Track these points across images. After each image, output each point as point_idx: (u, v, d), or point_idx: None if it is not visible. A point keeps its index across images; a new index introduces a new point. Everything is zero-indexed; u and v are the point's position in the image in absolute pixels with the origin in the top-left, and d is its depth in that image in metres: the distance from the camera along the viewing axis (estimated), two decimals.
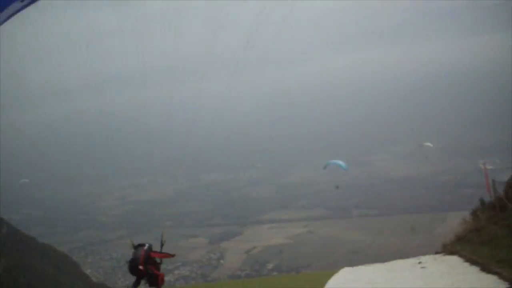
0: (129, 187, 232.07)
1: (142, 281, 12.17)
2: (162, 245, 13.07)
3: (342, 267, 22.95)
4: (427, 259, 21.85)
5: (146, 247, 12.25)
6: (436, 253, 23.45)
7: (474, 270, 17.42)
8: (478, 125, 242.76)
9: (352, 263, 27.64)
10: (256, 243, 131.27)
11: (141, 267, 12.01)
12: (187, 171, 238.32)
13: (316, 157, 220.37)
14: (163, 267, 13.30)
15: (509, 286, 14.15)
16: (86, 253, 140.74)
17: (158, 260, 12.57)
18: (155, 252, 12.50)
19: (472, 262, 18.62)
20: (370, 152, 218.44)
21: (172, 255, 13.16)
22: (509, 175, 35.61)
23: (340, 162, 43.79)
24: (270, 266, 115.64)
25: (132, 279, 12.69)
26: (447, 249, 23.24)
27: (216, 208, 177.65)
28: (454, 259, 20.40)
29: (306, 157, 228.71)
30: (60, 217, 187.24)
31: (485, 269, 16.91)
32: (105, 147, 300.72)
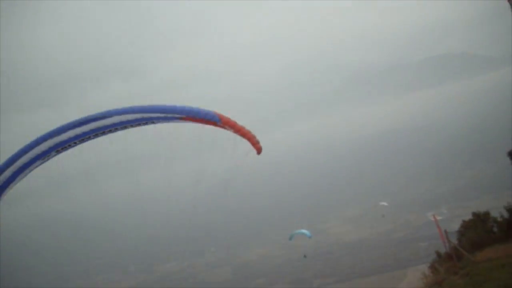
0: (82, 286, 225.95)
1: None
2: None
3: None
4: None
5: None
6: None
7: None
8: (420, 179, 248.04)
9: None
10: None
11: None
12: (140, 264, 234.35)
13: (270, 231, 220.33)
14: None
15: None
16: None
17: None
18: None
19: None
20: (321, 220, 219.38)
21: None
22: (458, 223, 36.03)
23: (304, 231, 44.32)
24: None
25: None
26: None
27: None
28: None
29: (260, 232, 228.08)
30: None
31: None
32: (51, 250, 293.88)
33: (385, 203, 67.98)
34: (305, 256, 60.28)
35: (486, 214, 35.42)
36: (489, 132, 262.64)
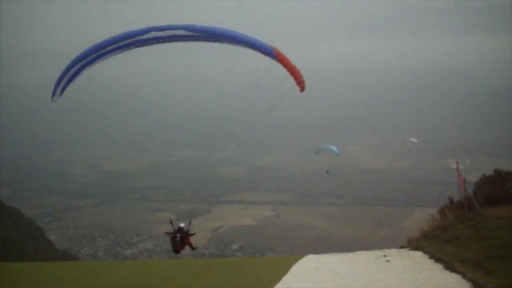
0: (100, 156, 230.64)
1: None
2: (189, 223, 17.13)
3: (307, 253, 22.91)
4: (392, 252, 21.90)
5: (184, 229, 16.58)
6: (401, 247, 23.53)
7: (438, 268, 17.48)
8: (449, 125, 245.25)
9: (317, 250, 27.68)
10: (223, 223, 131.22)
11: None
12: (159, 146, 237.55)
13: (290, 143, 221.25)
14: None
15: (472, 286, 14.20)
16: (51, 219, 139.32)
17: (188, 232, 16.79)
18: (185, 233, 16.59)
19: (437, 259, 18.70)
20: (344, 142, 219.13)
21: (193, 234, 17.00)
22: (477, 176, 35.93)
23: (333, 147, 43.72)
24: (235, 246, 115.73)
25: None
26: (413, 244, 23.34)
27: (185, 184, 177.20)
28: (419, 255, 20.47)
29: (280, 142, 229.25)
30: (28, 181, 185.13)
31: (449, 267, 16.98)
32: (78, 114, 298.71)
33: (415, 140, 67.16)
34: (328, 172, 60.34)
35: (508, 173, 35.18)
36: None
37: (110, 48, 13.83)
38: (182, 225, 16.84)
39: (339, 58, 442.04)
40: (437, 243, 21.89)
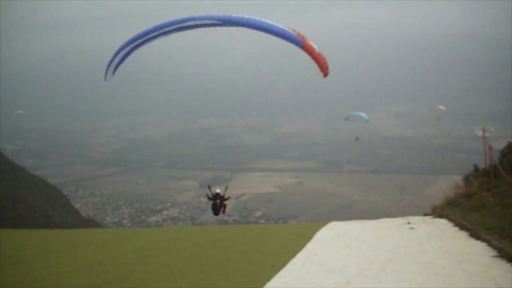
0: (123, 125, 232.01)
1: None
2: (226, 188, 19.21)
3: (330, 220, 22.93)
4: (416, 220, 21.82)
5: (220, 194, 18.69)
6: (425, 214, 23.44)
7: (463, 235, 17.39)
8: (474, 92, 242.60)
9: (341, 217, 27.70)
10: (246, 190, 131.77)
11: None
12: (182, 113, 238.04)
13: (313, 110, 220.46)
14: None
15: (497, 254, 14.11)
16: (76, 187, 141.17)
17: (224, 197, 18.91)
18: (222, 197, 18.77)
19: (462, 227, 18.59)
20: (367, 108, 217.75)
21: (228, 198, 19.08)
22: (503, 143, 35.54)
23: (363, 114, 43.43)
24: (258, 213, 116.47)
25: None
26: (437, 212, 23.23)
27: (209, 152, 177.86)
28: (443, 222, 20.37)
29: (303, 109, 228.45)
30: (53, 150, 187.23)
31: (474, 235, 16.87)
32: (102, 83, 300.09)
33: (443, 107, 66.32)
34: (357, 138, 59.98)
35: None
36: None
37: (155, 34, 15.40)
38: (218, 190, 18.71)
39: (358, 25, 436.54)
40: (461, 210, 21.76)
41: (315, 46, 14.88)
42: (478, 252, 14.74)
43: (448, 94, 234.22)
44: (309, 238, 18.27)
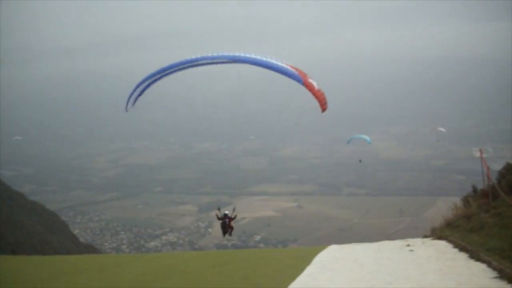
0: (121, 150, 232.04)
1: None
2: (233, 210, 20.49)
3: (329, 244, 22.91)
4: (415, 242, 21.80)
5: (228, 215, 20.12)
6: (425, 236, 23.43)
7: (462, 257, 17.37)
8: (471, 113, 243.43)
9: (339, 240, 27.69)
10: (245, 214, 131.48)
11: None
12: (180, 138, 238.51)
13: (311, 133, 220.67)
14: None
15: (497, 275, 14.09)
16: (75, 213, 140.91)
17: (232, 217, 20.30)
18: (230, 217, 20.16)
19: (461, 248, 18.58)
20: (365, 131, 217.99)
21: (235, 217, 20.40)
22: (501, 164, 35.63)
23: (365, 136, 43.86)
24: (257, 238, 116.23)
25: None
26: (436, 234, 23.22)
27: (207, 176, 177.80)
28: (443, 244, 20.36)
29: (300, 133, 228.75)
30: (51, 176, 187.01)
31: (474, 256, 16.86)
32: (99, 109, 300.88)
33: (443, 129, 66.87)
34: (360, 161, 60.20)
35: None
36: None
37: (172, 70, 17.17)
38: (227, 212, 20.26)
39: (355, 48, 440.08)
40: (461, 232, 21.77)
41: (315, 84, 16.01)
42: (478, 273, 14.72)
43: (445, 115, 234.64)
44: (308, 261, 18.25)
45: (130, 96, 18.57)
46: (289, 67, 15.87)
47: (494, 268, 14.78)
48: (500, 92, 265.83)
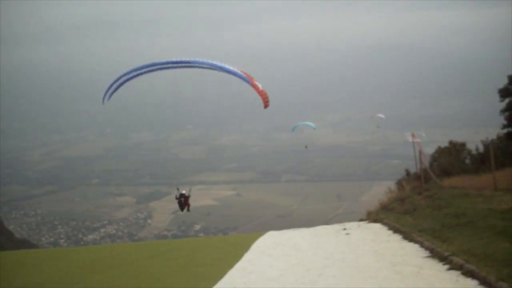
0: (57, 142, 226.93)
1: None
2: (190, 190, 22.32)
3: (268, 230, 23.08)
4: (351, 225, 22.20)
5: (185, 194, 21.44)
6: (361, 220, 23.87)
7: (396, 238, 17.80)
8: (405, 99, 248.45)
9: (279, 227, 27.88)
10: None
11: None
12: (116, 129, 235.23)
13: (249, 122, 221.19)
14: None
15: (429, 254, 14.51)
16: (9, 208, 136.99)
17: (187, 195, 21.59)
18: (185, 197, 21.47)
19: (395, 230, 19.03)
20: (301, 119, 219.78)
21: (189, 196, 21.79)
22: (433, 149, 36.54)
23: (309, 123, 44.48)
24: (197, 227, 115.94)
25: None
26: (371, 217, 23.70)
27: (145, 167, 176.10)
28: (378, 227, 20.80)
29: (238, 121, 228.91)
30: None
31: (407, 237, 17.31)
32: (32, 100, 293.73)
33: (382, 115, 68.12)
34: (306, 147, 60.52)
35: (462, 144, 35.96)
36: (486, 67, 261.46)
37: (152, 68, 18.37)
38: (183, 192, 21.55)
39: (292, 36, 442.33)
40: (395, 214, 22.28)
41: (259, 85, 17.90)
42: (411, 253, 15.12)
43: (379, 102, 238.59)
44: (246, 248, 18.36)
45: (107, 91, 19.43)
46: (239, 71, 17.61)
47: (426, 248, 15.22)
48: (432, 78, 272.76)
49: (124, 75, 18.44)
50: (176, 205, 21.73)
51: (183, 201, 21.44)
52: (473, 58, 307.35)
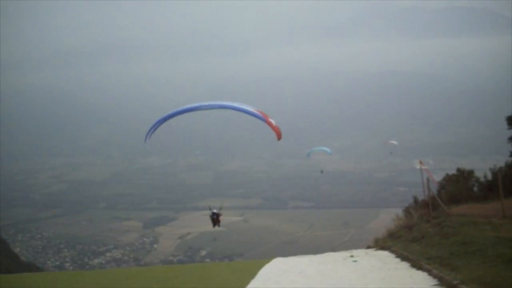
0: (64, 166, 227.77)
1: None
2: (220, 208, 23.89)
3: (274, 257, 22.97)
4: (359, 253, 22.07)
5: (218, 211, 23.12)
6: (368, 247, 23.73)
7: (404, 266, 17.68)
8: (411, 126, 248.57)
9: (285, 253, 27.75)
10: (191, 229, 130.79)
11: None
12: (124, 153, 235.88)
13: (256, 148, 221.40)
14: None
15: (438, 283, 14.40)
16: (16, 231, 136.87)
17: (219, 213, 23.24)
18: (217, 214, 23.19)
19: (403, 258, 18.90)
20: (308, 146, 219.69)
21: (221, 214, 23.58)
22: (441, 176, 36.40)
23: (325, 148, 44.49)
24: (203, 252, 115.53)
25: None
26: (379, 244, 23.56)
27: (152, 192, 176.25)
28: (386, 254, 20.67)
29: (245, 148, 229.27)
30: None
31: (415, 265, 17.18)
32: (40, 124, 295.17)
33: (395, 142, 68.40)
34: (322, 172, 60.71)
35: (470, 172, 35.81)
36: (493, 95, 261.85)
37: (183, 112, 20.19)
38: (215, 211, 23.32)
39: (297, 63, 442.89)
40: (403, 242, 22.15)
41: (273, 122, 19.63)
42: (419, 281, 15.01)
43: (386, 128, 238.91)
44: (253, 275, 18.26)
45: (149, 130, 21.45)
46: (255, 110, 19.26)
47: (434, 276, 15.09)
48: (439, 106, 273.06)
49: (163, 119, 20.65)
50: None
51: (216, 218, 23.39)
52: (480, 85, 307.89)
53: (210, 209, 23.88)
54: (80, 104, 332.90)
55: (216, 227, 23.80)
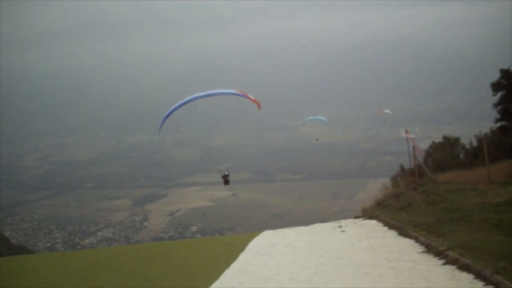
0: (50, 147, 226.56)
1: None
2: (227, 170, 24.23)
3: (264, 230, 23.06)
4: (347, 223, 22.19)
5: (227, 173, 23.50)
6: (356, 217, 23.86)
7: (392, 234, 17.82)
8: (398, 96, 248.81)
9: (275, 226, 27.85)
10: (180, 206, 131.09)
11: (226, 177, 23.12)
12: (110, 132, 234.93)
13: (242, 122, 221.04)
14: None
15: (425, 249, 14.54)
16: (5, 214, 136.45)
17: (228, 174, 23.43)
18: (227, 175, 23.44)
19: (390, 226, 19.05)
20: (295, 117, 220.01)
21: (228, 175, 23.99)
22: (427, 144, 36.58)
23: (320, 117, 44.40)
24: (194, 228, 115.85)
25: None
26: (367, 214, 23.69)
27: (140, 169, 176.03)
28: (373, 223, 20.82)
29: (231, 122, 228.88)
30: None
31: (403, 233, 17.33)
32: (25, 106, 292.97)
33: (388, 111, 68.30)
34: (317, 139, 60.88)
35: (456, 139, 35.97)
36: (478, 62, 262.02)
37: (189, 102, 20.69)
38: (226, 172, 23.80)
39: (285, 35, 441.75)
40: (390, 211, 22.31)
41: (252, 97, 20.57)
42: (407, 249, 15.15)
43: (372, 99, 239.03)
44: (242, 248, 18.34)
45: (163, 121, 22.06)
46: (235, 91, 20.21)
47: (421, 243, 15.25)
48: (424, 74, 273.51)
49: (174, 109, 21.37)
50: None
51: (226, 179, 23.91)
52: (464, 52, 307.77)
53: (220, 172, 24.34)
54: (64, 85, 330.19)
55: (227, 185, 24.90)
